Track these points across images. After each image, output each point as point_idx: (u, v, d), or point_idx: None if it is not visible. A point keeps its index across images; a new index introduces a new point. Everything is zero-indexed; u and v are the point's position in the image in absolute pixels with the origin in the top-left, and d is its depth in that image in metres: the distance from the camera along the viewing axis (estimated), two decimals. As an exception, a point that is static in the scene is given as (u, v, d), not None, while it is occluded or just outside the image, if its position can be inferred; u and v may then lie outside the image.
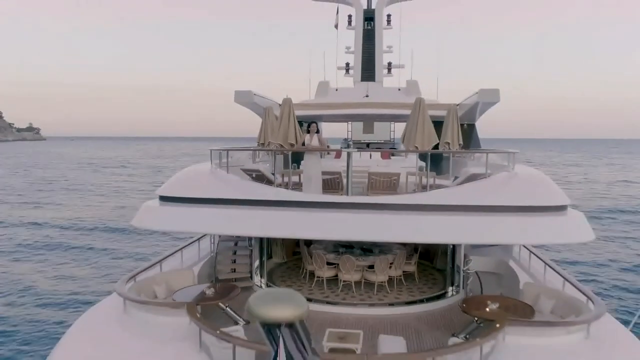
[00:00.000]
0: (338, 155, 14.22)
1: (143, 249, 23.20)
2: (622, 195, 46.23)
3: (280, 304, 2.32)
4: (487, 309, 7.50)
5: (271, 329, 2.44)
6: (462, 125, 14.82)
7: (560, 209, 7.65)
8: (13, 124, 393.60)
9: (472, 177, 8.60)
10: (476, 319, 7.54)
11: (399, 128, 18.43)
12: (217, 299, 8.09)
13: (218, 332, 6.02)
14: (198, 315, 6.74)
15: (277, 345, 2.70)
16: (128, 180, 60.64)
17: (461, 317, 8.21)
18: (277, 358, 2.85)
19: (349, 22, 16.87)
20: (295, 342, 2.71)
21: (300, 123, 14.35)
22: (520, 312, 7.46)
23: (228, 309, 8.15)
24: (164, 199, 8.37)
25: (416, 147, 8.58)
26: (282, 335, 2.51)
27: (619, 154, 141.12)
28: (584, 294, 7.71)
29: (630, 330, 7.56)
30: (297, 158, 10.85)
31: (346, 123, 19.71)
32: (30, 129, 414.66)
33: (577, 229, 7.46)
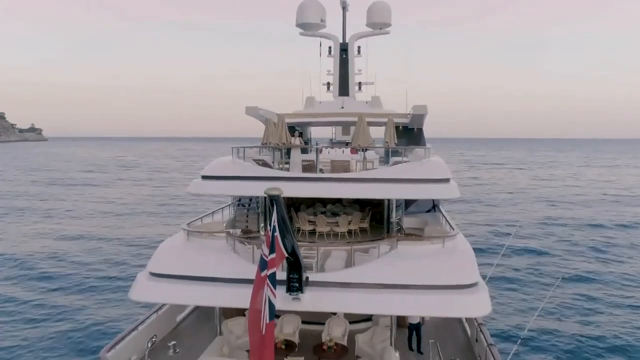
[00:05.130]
0: (320, 151, 19.68)
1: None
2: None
3: (274, 189, 7.87)
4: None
5: (272, 197, 8.00)
6: (412, 129, 20.43)
7: (445, 180, 13.03)
8: (15, 124, 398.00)
9: (396, 164, 14.06)
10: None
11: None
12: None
13: (246, 238, 11.50)
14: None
15: (273, 207, 8.29)
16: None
17: None
18: (273, 214, 8.50)
19: (329, 52, 22.37)
20: (279, 206, 8.28)
21: (294, 127, 20.16)
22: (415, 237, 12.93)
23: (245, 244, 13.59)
24: (204, 177, 13.73)
25: (359, 145, 14.06)
26: (275, 203, 8.06)
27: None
28: (451, 227, 13.21)
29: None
30: (289, 152, 16.28)
31: (331, 127, 25.36)
32: (32, 129, 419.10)
33: (452, 190, 12.85)
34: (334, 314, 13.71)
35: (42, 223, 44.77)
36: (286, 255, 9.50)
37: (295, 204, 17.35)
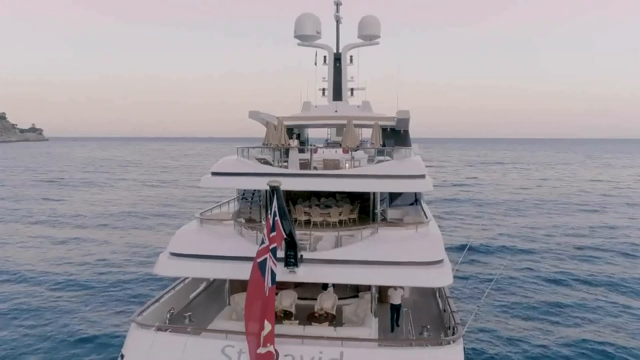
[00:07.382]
0: (315, 151, 21.93)
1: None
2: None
3: (275, 181, 10.13)
4: None
5: (273, 188, 10.27)
6: (399, 130, 22.70)
7: (421, 176, 15.24)
8: (16, 124, 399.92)
9: (379, 162, 16.30)
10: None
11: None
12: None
13: (251, 225, 13.75)
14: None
15: (273, 198, 10.58)
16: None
17: None
18: (272, 203, 10.82)
19: (324, 61, 24.63)
20: (278, 196, 10.56)
21: (292, 129, 22.41)
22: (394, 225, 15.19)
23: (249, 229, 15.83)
24: (214, 174, 15.94)
25: (347, 145, 16.31)
26: (276, 193, 10.32)
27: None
28: (426, 216, 15.45)
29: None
30: (287, 152, 18.51)
31: (326, 129, 27.65)
32: (33, 129, 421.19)
33: (425, 185, 15.04)
34: (325, 289, 15.95)
35: (42, 223, 46.43)
36: (284, 236, 11.72)
37: (293, 198, 19.57)
